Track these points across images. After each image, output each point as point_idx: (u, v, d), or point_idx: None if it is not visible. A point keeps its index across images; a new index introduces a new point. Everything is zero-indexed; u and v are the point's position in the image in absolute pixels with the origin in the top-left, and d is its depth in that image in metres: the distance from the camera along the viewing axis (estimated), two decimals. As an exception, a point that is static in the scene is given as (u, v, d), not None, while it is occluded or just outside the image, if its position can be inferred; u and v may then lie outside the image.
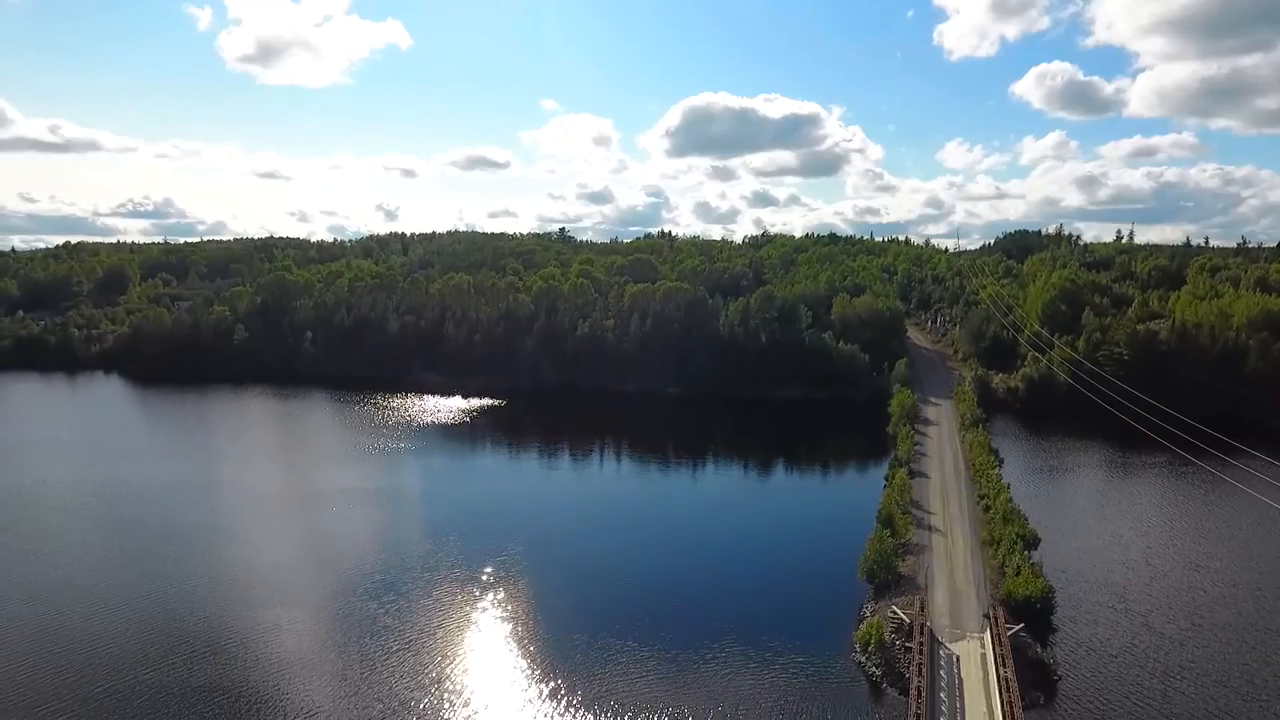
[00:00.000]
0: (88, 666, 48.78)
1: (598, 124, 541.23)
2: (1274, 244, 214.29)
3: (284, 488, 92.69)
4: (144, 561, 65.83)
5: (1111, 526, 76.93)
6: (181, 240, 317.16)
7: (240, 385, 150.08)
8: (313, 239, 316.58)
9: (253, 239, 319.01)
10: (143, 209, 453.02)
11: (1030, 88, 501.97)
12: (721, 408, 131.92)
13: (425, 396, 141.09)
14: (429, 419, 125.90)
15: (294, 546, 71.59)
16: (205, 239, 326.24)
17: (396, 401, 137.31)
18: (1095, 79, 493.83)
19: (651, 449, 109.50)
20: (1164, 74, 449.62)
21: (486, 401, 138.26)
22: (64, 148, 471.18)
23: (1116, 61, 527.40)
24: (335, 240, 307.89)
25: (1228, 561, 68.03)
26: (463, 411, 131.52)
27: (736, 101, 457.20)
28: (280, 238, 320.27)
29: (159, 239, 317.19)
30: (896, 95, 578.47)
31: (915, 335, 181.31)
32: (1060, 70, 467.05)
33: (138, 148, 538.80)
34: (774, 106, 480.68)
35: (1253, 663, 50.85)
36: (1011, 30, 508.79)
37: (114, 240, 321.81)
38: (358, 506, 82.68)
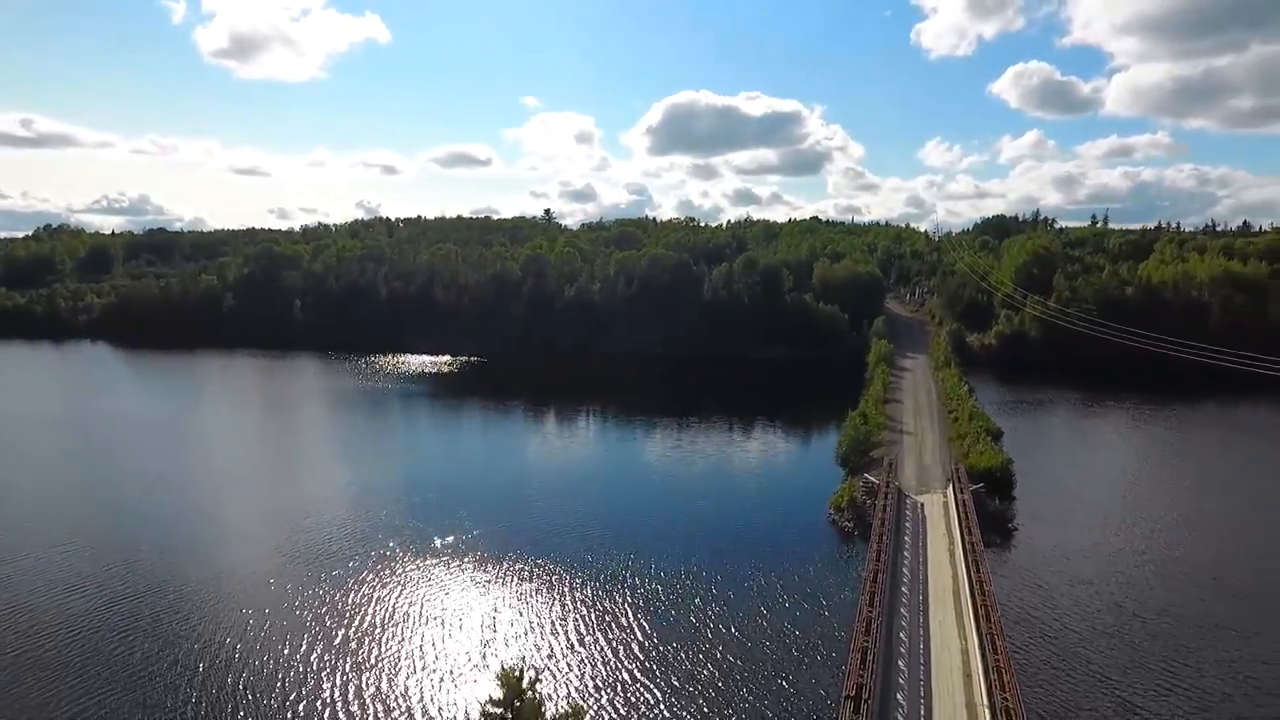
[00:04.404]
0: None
1: (579, 121, 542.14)
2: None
3: (252, 428, 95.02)
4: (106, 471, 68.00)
5: (1067, 437, 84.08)
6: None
7: (229, 350, 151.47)
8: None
9: (235, 230, 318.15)
10: (118, 205, 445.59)
11: (1008, 87, 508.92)
12: (706, 367, 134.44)
13: (412, 357, 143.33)
14: (414, 378, 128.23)
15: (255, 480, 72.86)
16: (186, 230, 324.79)
17: (382, 362, 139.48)
18: (1072, 79, 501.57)
19: (640, 404, 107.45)
20: (1139, 74, 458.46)
21: (474, 359, 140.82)
22: (37, 142, 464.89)
23: (1093, 61, 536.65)
24: (319, 225, 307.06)
25: (1164, 466, 74.82)
26: (450, 372, 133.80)
27: (718, 99, 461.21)
28: (262, 229, 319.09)
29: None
30: (877, 94, 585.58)
31: (894, 306, 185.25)
32: (1037, 70, 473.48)
33: (113, 143, 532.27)
34: (756, 104, 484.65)
35: (1172, 525, 56.41)
36: (989, 30, 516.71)
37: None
38: (330, 448, 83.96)
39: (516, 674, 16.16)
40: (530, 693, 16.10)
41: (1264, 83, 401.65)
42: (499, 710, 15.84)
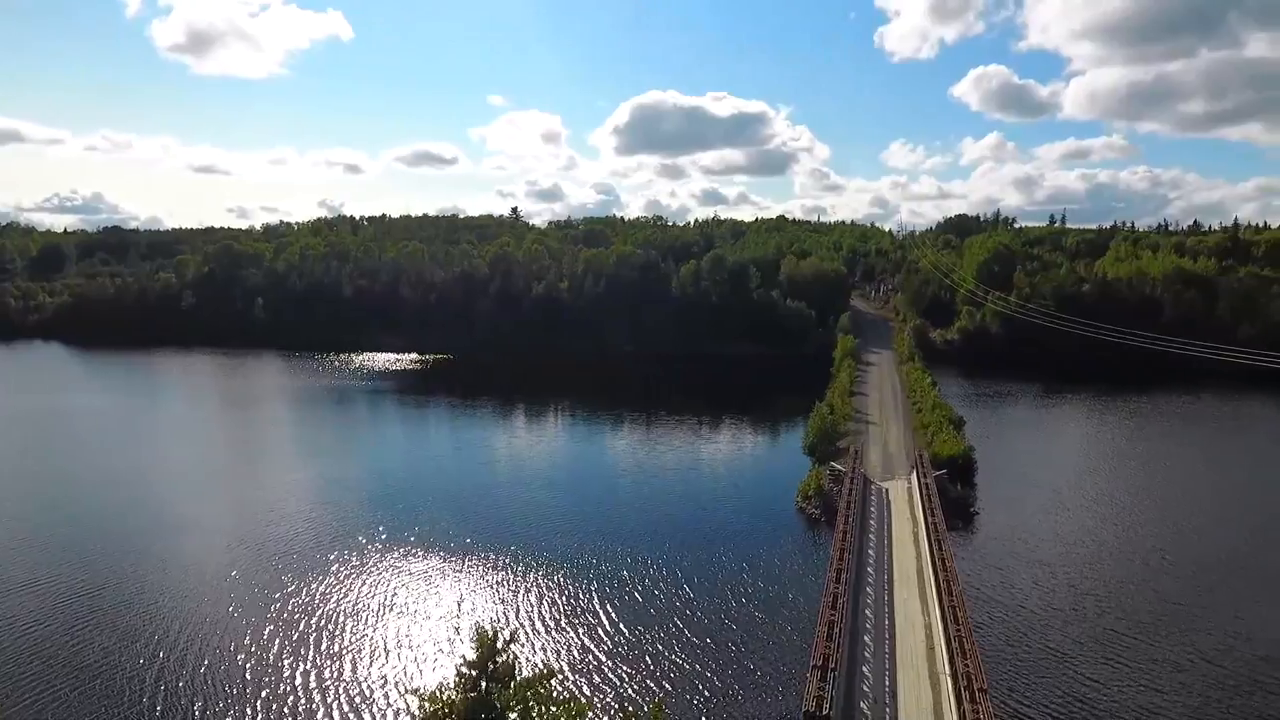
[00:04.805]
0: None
1: (546, 120, 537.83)
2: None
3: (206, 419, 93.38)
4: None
5: (1026, 427, 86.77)
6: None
7: (188, 350, 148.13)
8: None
9: (193, 229, 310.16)
10: (70, 203, 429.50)
11: (969, 90, 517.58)
12: (675, 364, 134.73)
13: (378, 355, 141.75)
14: (380, 375, 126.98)
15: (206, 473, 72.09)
16: (142, 229, 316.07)
17: (347, 360, 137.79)
18: (1030, 82, 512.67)
19: (609, 400, 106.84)
20: (1095, 78, 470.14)
21: (441, 357, 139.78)
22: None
23: (1050, 65, 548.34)
24: (281, 224, 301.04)
25: (1119, 453, 76.89)
26: (417, 370, 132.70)
27: (685, 100, 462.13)
28: (222, 228, 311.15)
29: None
30: (841, 96, 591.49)
31: (860, 304, 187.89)
32: (996, 73, 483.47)
33: (64, 139, 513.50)
34: (722, 105, 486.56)
35: (1125, 509, 58.48)
36: (950, 33, 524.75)
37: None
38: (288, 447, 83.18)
39: (491, 634, 16.37)
40: (505, 653, 16.34)
41: (1212, 88, 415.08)
42: (473, 672, 16.04)
